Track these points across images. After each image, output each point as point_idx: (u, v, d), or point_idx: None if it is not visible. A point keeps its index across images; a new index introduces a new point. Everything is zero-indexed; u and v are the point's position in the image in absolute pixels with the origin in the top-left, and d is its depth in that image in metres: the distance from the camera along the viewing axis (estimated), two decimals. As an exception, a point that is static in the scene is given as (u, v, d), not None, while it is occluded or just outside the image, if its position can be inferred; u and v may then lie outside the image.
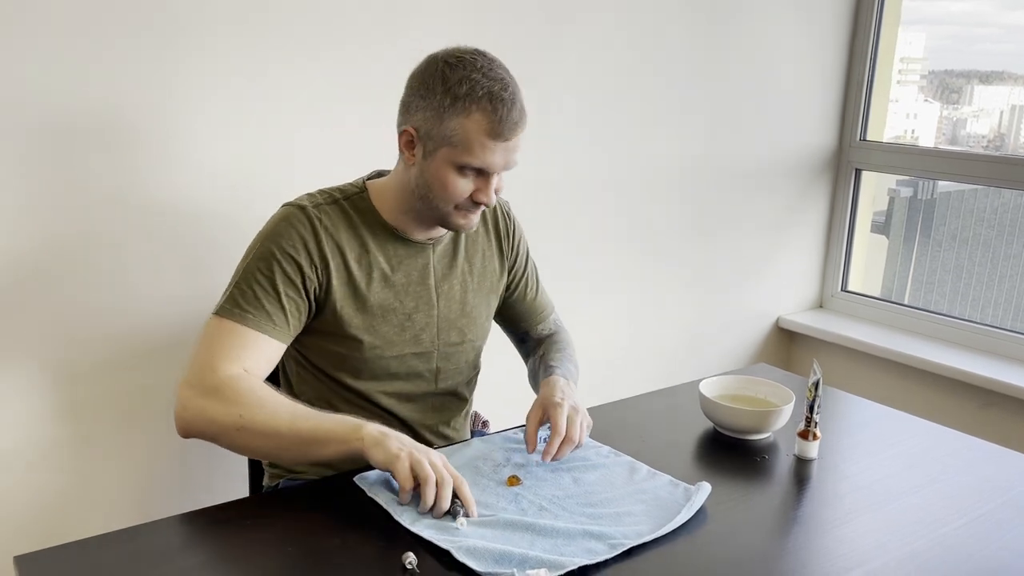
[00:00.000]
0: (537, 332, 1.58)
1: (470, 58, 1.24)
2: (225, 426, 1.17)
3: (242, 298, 1.24)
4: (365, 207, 1.34)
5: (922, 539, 1.13)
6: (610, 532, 1.09)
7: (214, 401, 1.17)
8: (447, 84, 1.22)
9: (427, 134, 1.25)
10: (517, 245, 1.51)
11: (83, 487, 1.62)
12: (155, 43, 1.54)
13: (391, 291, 1.34)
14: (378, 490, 1.17)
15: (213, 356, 1.21)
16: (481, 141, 1.23)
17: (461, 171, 1.26)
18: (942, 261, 2.92)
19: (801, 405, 1.39)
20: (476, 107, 1.21)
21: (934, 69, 3.03)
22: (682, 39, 2.32)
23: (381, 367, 1.35)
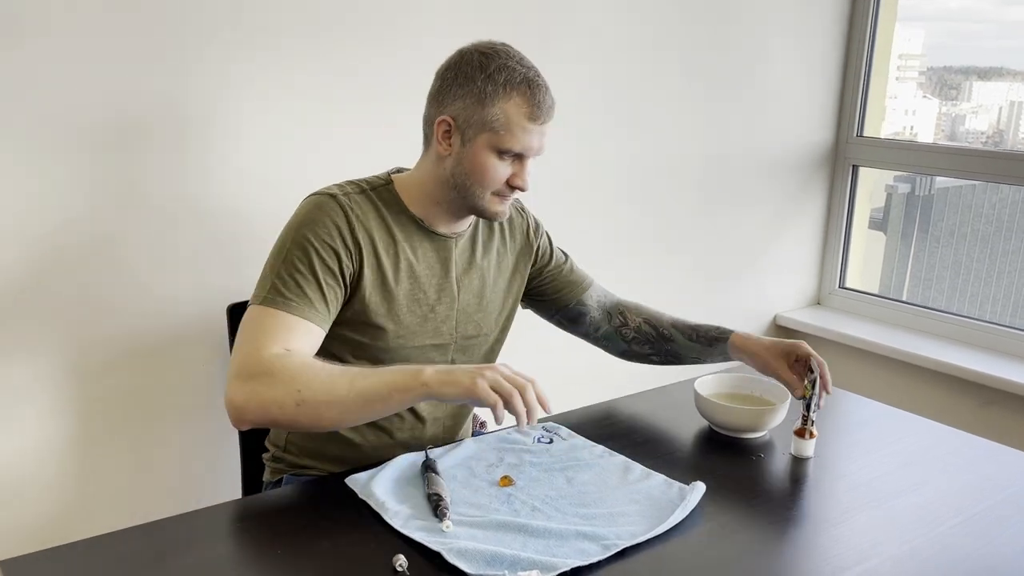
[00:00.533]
0: (594, 300, 1.58)
1: (503, 48, 1.31)
2: (284, 404, 1.14)
3: (283, 286, 1.24)
4: (391, 199, 1.35)
5: (920, 538, 1.12)
6: (603, 533, 1.08)
7: (267, 383, 1.15)
8: (486, 71, 1.27)
9: (466, 121, 1.28)
10: (535, 230, 1.54)
11: (82, 488, 1.61)
12: (179, 43, 1.54)
13: (416, 282, 1.35)
14: (369, 492, 1.16)
15: (257, 341, 1.19)
16: (522, 124, 1.28)
17: (500, 155, 1.30)
18: (940, 257, 2.91)
19: (798, 404, 1.38)
20: (516, 92, 1.27)
21: (933, 65, 3.03)
22: (678, 37, 2.31)
23: (402, 357, 1.36)
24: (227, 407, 1.18)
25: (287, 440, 1.42)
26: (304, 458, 1.39)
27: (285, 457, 1.41)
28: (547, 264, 1.55)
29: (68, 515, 1.60)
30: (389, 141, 1.78)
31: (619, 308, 1.60)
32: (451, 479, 1.21)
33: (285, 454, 1.42)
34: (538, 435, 1.37)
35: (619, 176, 2.30)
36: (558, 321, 1.60)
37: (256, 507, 1.19)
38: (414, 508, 1.13)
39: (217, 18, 1.57)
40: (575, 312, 1.58)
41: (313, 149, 1.74)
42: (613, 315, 1.58)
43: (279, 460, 1.42)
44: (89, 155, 1.50)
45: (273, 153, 1.69)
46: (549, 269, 1.55)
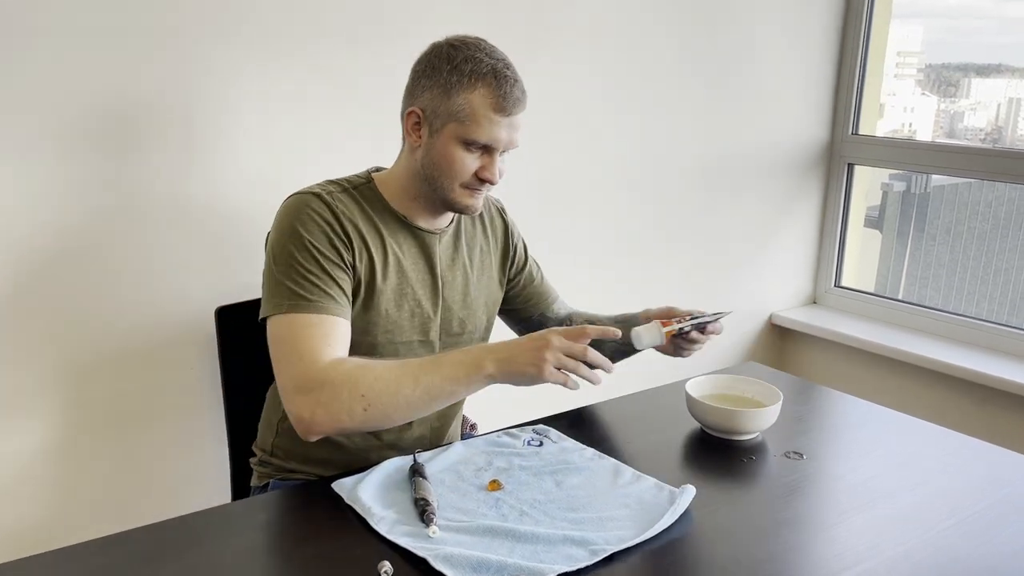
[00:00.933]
0: (554, 311, 1.59)
1: (473, 40, 1.31)
2: (352, 412, 1.17)
3: (301, 289, 1.24)
4: (373, 196, 1.35)
5: (913, 540, 1.11)
6: (592, 538, 1.06)
7: (331, 394, 1.17)
8: (453, 62, 1.27)
9: (434, 112, 1.28)
10: (516, 238, 1.55)
11: (70, 492, 1.59)
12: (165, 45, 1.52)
13: (403, 277, 1.35)
14: (355, 497, 1.15)
15: (304, 352, 1.20)
16: (487, 115, 1.27)
17: (467, 147, 1.29)
18: (936, 255, 2.90)
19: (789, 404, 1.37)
20: (481, 82, 1.26)
21: (931, 63, 3.02)
22: (670, 35, 2.30)
23: (391, 352, 1.35)
24: (294, 423, 1.20)
25: (273, 444, 1.40)
26: (291, 462, 1.38)
27: (272, 461, 1.40)
28: (522, 270, 1.56)
29: (55, 520, 1.59)
30: (379, 140, 1.77)
31: (568, 318, 1.60)
32: (439, 483, 1.20)
33: (272, 458, 1.40)
34: (528, 438, 1.35)
35: (614, 175, 2.29)
36: (520, 331, 1.60)
37: (242, 512, 1.18)
38: (400, 513, 1.11)
39: (205, 18, 1.56)
40: (537, 324, 1.58)
41: (302, 149, 1.73)
42: (562, 323, 1.58)
43: (266, 464, 1.41)
44: (74, 157, 1.49)
45: (261, 154, 1.68)
46: (523, 276, 1.56)
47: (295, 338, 1.21)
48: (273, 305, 1.25)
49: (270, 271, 1.28)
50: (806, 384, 1.70)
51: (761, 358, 2.80)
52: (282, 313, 1.23)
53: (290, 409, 1.20)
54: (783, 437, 1.41)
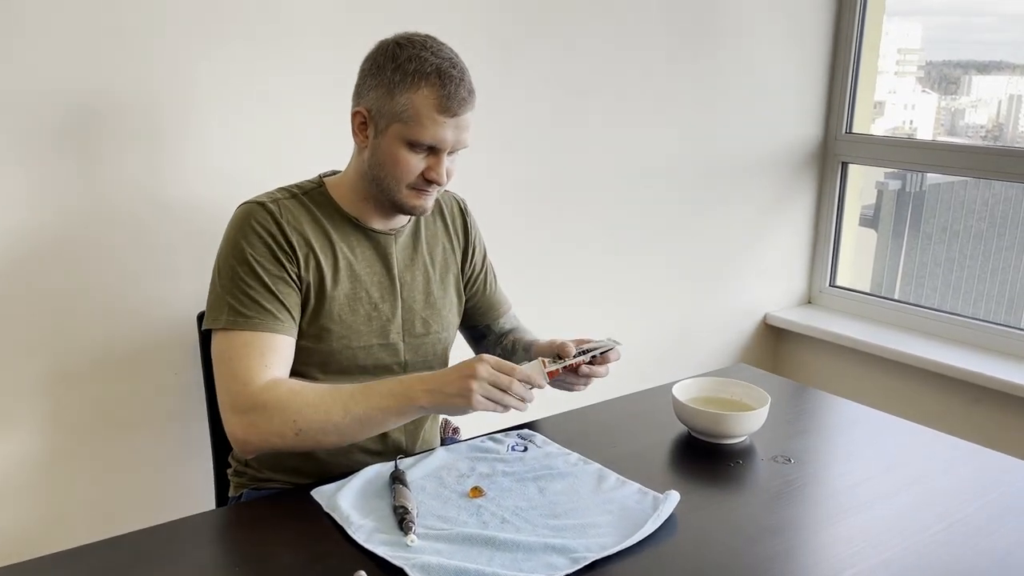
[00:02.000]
0: (499, 326, 1.56)
1: (419, 39, 1.27)
2: (284, 435, 1.18)
3: (240, 305, 1.23)
4: (323, 200, 1.34)
5: (901, 545, 1.09)
6: (573, 545, 1.05)
7: (263, 417, 1.18)
8: (397, 61, 1.24)
9: (378, 112, 1.26)
10: (475, 238, 1.52)
11: (51, 500, 1.58)
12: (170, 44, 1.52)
13: (356, 281, 1.33)
14: (334, 504, 1.13)
15: (240, 372, 1.20)
16: (431, 116, 1.24)
17: (412, 148, 1.26)
18: (932, 254, 2.88)
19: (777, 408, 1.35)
20: (425, 82, 1.23)
21: (932, 60, 3.00)
22: (660, 33, 2.28)
23: (348, 358, 1.33)
24: (231, 440, 1.21)
25: None
26: (264, 471, 1.37)
27: (247, 471, 1.39)
28: (475, 278, 1.52)
29: (36, 528, 1.57)
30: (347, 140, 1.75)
31: (507, 333, 1.56)
32: (420, 490, 1.19)
33: (247, 468, 1.39)
34: (512, 443, 1.34)
35: (605, 175, 2.27)
36: (466, 336, 1.59)
37: (217, 521, 1.17)
38: (379, 521, 1.10)
39: (183, 17, 1.54)
40: (481, 333, 1.57)
41: (284, 152, 1.71)
42: (500, 339, 1.55)
43: (241, 475, 1.40)
44: (52, 159, 1.47)
45: (243, 157, 1.66)
46: (475, 285, 1.52)
47: (232, 357, 1.22)
48: (212, 319, 1.25)
49: (213, 283, 1.28)
50: (796, 387, 1.68)
51: (755, 359, 2.78)
52: (221, 329, 1.24)
53: (226, 427, 1.21)
54: (771, 441, 1.39)
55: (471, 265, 1.50)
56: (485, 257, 1.55)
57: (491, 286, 1.55)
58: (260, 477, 1.37)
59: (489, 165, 1.99)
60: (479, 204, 1.58)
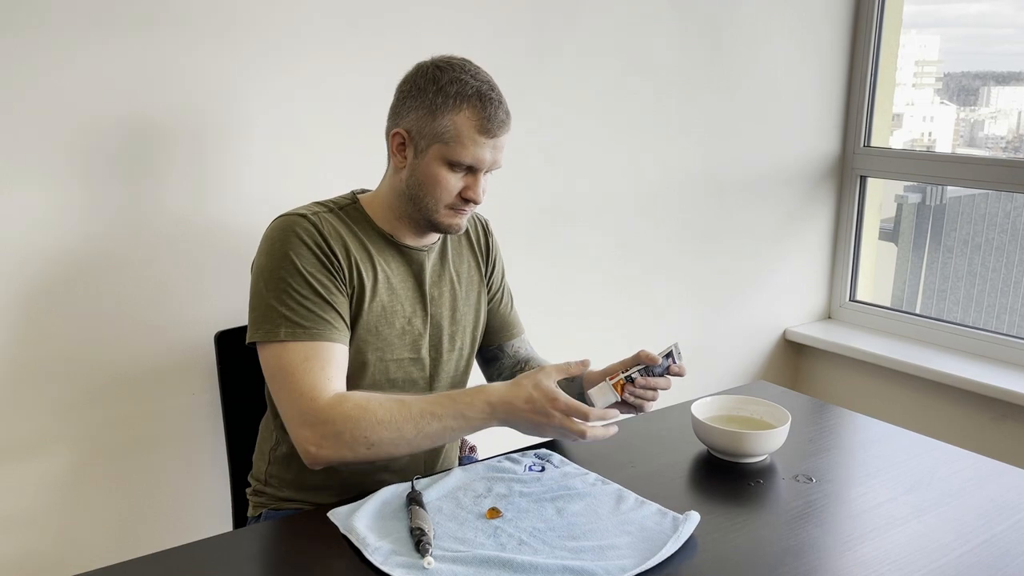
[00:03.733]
0: (513, 349, 1.56)
1: (459, 62, 1.31)
2: (356, 451, 1.20)
3: (296, 316, 1.24)
4: (359, 216, 1.36)
5: (923, 568, 1.07)
6: (591, 567, 1.04)
7: (334, 436, 1.19)
8: (438, 84, 1.27)
9: (419, 133, 1.29)
10: (495, 257, 1.54)
11: (68, 521, 1.58)
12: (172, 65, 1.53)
13: (394, 295, 1.35)
14: (351, 527, 1.12)
15: (306, 387, 1.21)
16: (472, 136, 1.27)
17: (452, 168, 1.29)
18: (954, 268, 2.85)
19: (799, 425, 1.33)
20: (467, 104, 1.27)
21: (950, 71, 2.98)
22: (676, 48, 2.28)
23: (381, 371, 1.35)
24: (300, 453, 1.22)
25: (267, 473, 1.39)
26: (284, 490, 1.37)
27: (265, 491, 1.38)
28: (493, 294, 1.53)
29: (55, 550, 1.57)
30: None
31: (525, 361, 1.55)
32: (437, 511, 1.18)
33: (266, 487, 1.39)
34: (529, 463, 1.33)
35: (623, 190, 2.27)
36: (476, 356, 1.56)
37: (234, 544, 1.16)
38: (396, 543, 1.09)
39: (208, 34, 1.56)
40: (493, 354, 1.56)
41: (303, 172, 1.72)
42: (517, 364, 1.55)
43: (260, 494, 1.39)
44: (75, 181, 1.48)
45: (262, 177, 1.67)
46: (492, 300, 1.53)
47: (294, 370, 1.21)
48: (266, 331, 1.24)
49: (259, 295, 1.27)
50: (817, 404, 1.66)
51: (775, 375, 2.75)
52: (277, 341, 1.23)
53: (296, 440, 1.21)
54: (793, 459, 1.37)
55: (490, 282, 1.51)
56: (503, 278, 1.56)
57: (507, 306, 1.56)
58: (280, 496, 1.37)
59: (503, 183, 1.99)
60: (493, 220, 1.58)
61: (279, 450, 1.37)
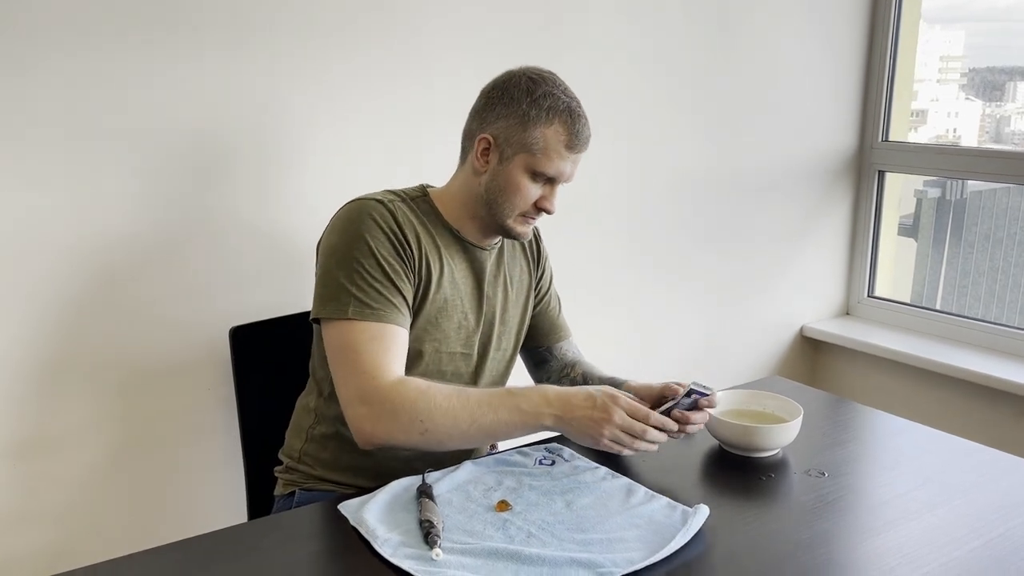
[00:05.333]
0: (561, 352, 1.58)
1: (549, 76, 1.35)
2: (409, 434, 1.22)
3: (366, 296, 1.26)
4: (429, 209, 1.39)
5: (936, 562, 1.06)
6: (599, 560, 1.04)
7: (391, 414, 1.21)
8: (532, 95, 1.31)
9: (506, 140, 1.32)
10: (545, 261, 1.58)
11: (87, 513, 1.61)
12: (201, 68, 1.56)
13: (456, 289, 1.38)
14: (361, 519, 1.13)
15: (368, 365, 1.23)
16: (559, 150, 1.32)
17: (534, 178, 1.34)
18: (975, 263, 2.81)
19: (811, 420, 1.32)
20: (558, 119, 1.31)
21: (975, 66, 2.94)
22: (691, 43, 2.27)
23: (435, 361, 1.37)
24: (354, 431, 1.25)
25: (302, 451, 1.41)
26: (319, 468, 1.39)
27: (299, 468, 1.41)
28: (541, 300, 1.56)
29: (72, 541, 1.60)
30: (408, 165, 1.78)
31: (573, 364, 1.58)
32: (447, 504, 1.18)
33: (300, 464, 1.41)
34: (540, 456, 1.33)
35: (638, 186, 2.26)
36: (524, 357, 1.60)
37: (244, 536, 1.17)
38: (405, 535, 1.09)
39: (249, 36, 1.57)
40: (542, 356, 1.59)
41: (328, 173, 1.73)
42: (564, 367, 1.57)
43: (292, 471, 1.41)
44: (94, 179, 1.50)
45: (282, 173, 1.68)
46: (540, 306, 1.56)
47: (359, 349, 1.24)
48: (334, 308, 1.27)
49: (329, 273, 1.29)
50: (832, 399, 1.65)
51: (792, 372, 2.73)
52: (345, 319, 1.25)
53: (350, 417, 1.24)
54: (805, 454, 1.36)
55: (539, 286, 1.55)
56: (552, 282, 1.60)
57: (555, 309, 1.59)
58: (313, 475, 1.39)
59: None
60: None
61: (317, 429, 1.40)
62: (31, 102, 1.42)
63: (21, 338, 1.49)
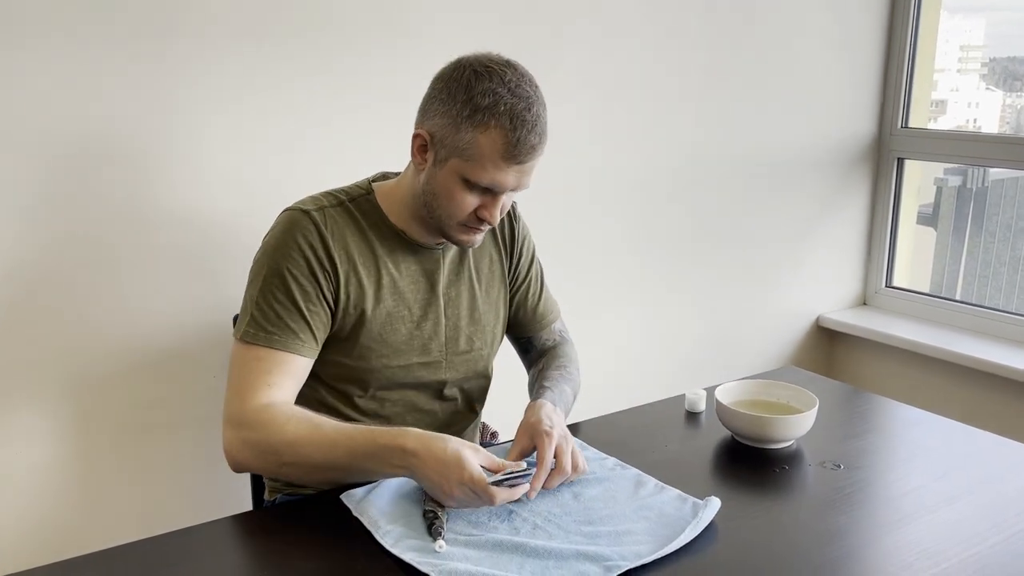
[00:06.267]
0: (541, 341, 1.50)
1: (499, 69, 1.16)
2: (268, 465, 1.18)
3: (264, 319, 1.20)
4: (371, 210, 1.28)
5: (955, 557, 1.03)
6: (606, 553, 1.01)
7: (250, 443, 1.16)
8: (470, 93, 1.15)
9: (440, 141, 1.19)
10: (521, 246, 1.44)
11: (88, 501, 1.60)
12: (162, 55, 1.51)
13: (400, 298, 1.29)
14: (363, 509, 1.11)
15: (242, 387, 1.18)
16: (494, 160, 1.16)
17: (469, 186, 1.19)
18: (996, 253, 2.76)
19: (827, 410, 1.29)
20: (495, 123, 1.14)
21: (996, 56, 2.89)
22: (705, 26, 2.23)
23: (388, 377, 1.30)
24: (224, 454, 1.19)
25: None
26: None
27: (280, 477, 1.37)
28: (518, 288, 1.45)
29: (72, 529, 1.59)
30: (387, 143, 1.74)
31: (541, 359, 1.46)
32: (451, 495, 1.16)
33: None
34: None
35: (654, 174, 2.23)
36: (513, 345, 1.51)
37: (249, 524, 1.15)
38: (408, 526, 1.07)
39: (198, 21, 1.55)
40: (524, 346, 1.50)
41: (317, 153, 1.71)
42: (538, 361, 1.47)
43: (275, 479, 1.38)
44: (88, 167, 1.49)
45: (269, 163, 1.66)
46: (517, 296, 1.45)
47: (240, 371, 1.20)
48: (237, 326, 1.24)
49: (247, 288, 1.26)
50: (848, 389, 1.61)
51: (808, 362, 2.69)
52: (239, 339, 1.22)
53: (223, 438, 1.18)
54: (820, 446, 1.33)
55: (515, 272, 1.44)
56: (532, 264, 1.46)
57: (534, 297, 1.47)
58: (294, 484, 1.35)
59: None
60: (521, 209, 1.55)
61: None
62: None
63: (25, 324, 1.48)
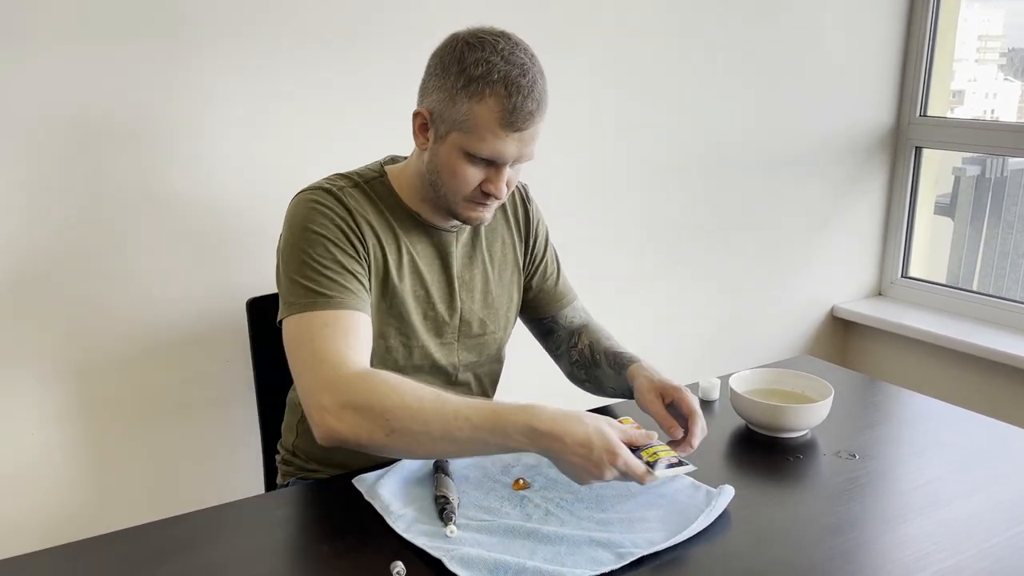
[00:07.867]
0: (566, 320, 1.47)
1: (491, 39, 1.15)
2: (374, 435, 1.06)
3: (316, 285, 1.14)
4: (385, 192, 1.27)
5: (971, 549, 1.02)
6: (619, 540, 1.00)
7: (355, 408, 1.06)
8: (463, 64, 1.14)
9: (439, 116, 1.18)
10: (536, 228, 1.43)
11: (101, 485, 1.61)
12: (171, 42, 1.51)
13: (418, 277, 1.28)
14: (375, 493, 1.11)
15: (328, 353, 1.10)
16: (493, 129, 1.14)
17: (471, 159, 1.18)
18: (1015, 244, 2.73)
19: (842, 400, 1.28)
20: (490, 91, 1.13)
21: (1015, 46, 2.84)
22: (725, 16, 2.20)
23: (404, 356, 1.28)
24: (314, 429, 1.09)
25: (294, 445, 1.38)
26: (311, 462, 1.35)
27: (294, 461, 1.38)
28: (536, 269, 1.44)
29: (85, 511, 1.60)
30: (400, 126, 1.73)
31: (579, 330, 1.45)
32: (463, 480, 1.15)
33: (294, 458, 1.38)
34: None
35: (669, 161, 2.21)
36: (532, 328, 1.50)
37: (261, 507, 1.15)
38: (419, 511, 1.07)
39: (211, 16, 1.54)
40: (547, 327, 1.47)
41: (330, 140, 1.70)
42: (572, 336, 1.45)
43: (288, 463, 1.39)
44: (102, 153, 1.49)
45: (277, 151, 1.66)
46: (536, 276, 1.44)
47: (313, 339, 1.11)
48: (288, 305, 1.16)
49: (282, 273, 1.20)
50: (864, 379, 1.60)
51: (822, 352, 2.68)
52: (299, 312, 1.14)
53: (311, 409, 1.09)
54: (835, 435, 1.32)
55: (532, 255, 1.42)
56: (547, 245, 1.46)
57: (552, 276, 1.45)
58: (307, 468, 1.35)
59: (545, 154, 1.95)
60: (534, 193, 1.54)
61: (306, 424, 1.33)
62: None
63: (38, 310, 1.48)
